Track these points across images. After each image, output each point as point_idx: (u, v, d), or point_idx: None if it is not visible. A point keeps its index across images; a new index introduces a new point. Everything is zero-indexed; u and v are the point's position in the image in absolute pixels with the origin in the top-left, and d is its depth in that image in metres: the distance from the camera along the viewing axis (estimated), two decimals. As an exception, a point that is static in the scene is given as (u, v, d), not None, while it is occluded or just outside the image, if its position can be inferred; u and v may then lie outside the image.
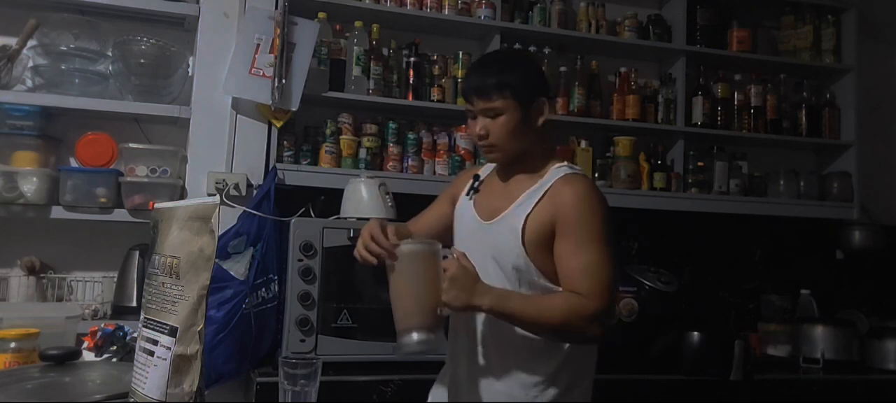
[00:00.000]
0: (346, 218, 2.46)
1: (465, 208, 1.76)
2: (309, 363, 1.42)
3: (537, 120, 1.66)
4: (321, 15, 2.69)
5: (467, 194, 1.77)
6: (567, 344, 1.61)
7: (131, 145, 2.53)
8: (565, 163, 1.69)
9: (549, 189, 1.62)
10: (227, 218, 2.47)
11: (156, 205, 1.30)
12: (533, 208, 1.61)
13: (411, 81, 2.81)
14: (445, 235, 1.81)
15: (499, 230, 1.64)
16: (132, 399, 1.17)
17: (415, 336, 1.50)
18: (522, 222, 1.60)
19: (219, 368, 2.31)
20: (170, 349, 1.12)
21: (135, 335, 1.59)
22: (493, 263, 1.61)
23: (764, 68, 3.27)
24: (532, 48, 2.96)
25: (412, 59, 2.81)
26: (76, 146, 2.52)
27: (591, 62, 3.06)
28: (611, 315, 1.59)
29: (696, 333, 2.63)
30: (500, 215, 1.65)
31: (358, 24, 2.74)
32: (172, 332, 1.13)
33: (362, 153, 2.74)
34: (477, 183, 1.78)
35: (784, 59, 3.30)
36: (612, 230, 1.60)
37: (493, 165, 1.80)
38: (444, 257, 1.55)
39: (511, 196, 1.66)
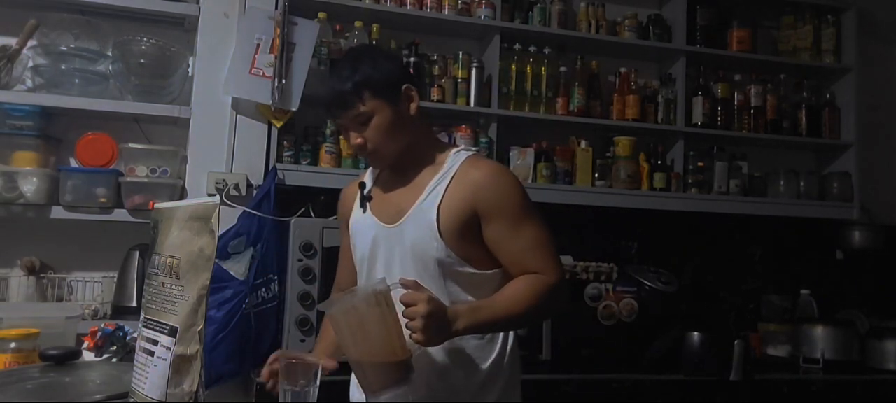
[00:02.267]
0: (346, 218, 2.46)
1: (363, 221, 1.63)
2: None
3: (410, 110, 1.57)
4: (321, 15, 2.69)
5: (361, 207, 1.65)
6: (498, 344, 1.57)
7: (131, 145, 2.53)
8: (461, 146, 1.67)
9: (455, 174, 1.55)
10: (227, 218, 2.47)
11: (156, 205, 1.30)
12: (443, 196, 1.53)
13: (411, 81, 2.80)
14: None
15: (410, 228, 1.54)
16: (132, 399, 1.17)
17: (390, 393, 1.38)
18: (435, 213, 1.52)
19: (219, 368, 2.31)
20: (170, 349, 1.12)
21: (135, 335, 1.59)
22: (413, 264, 1.52)
23: (764, 68, 3.27)
24: (532, 48, 2.96)
25: (412, 59, 2.81)
26: (76, 146, 2.53)
27: (591, 62, 3.06)
28: (566, 278, 1.61)
29: (696, 333, 2.63)
30: (406, 213, 1.56)
31: (358, 24, 2.74)
32: (172, 332, 1.13)
33: (362, 153, 2.74)
34: (366, 192, 1.65)
35: (784, 59, 3.30)
36: (530, 199, 1.58)
37: (377, 170, 1.70)
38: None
39: (413, 192, 1.58)
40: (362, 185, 1.67)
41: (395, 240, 1.56)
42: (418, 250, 1.52)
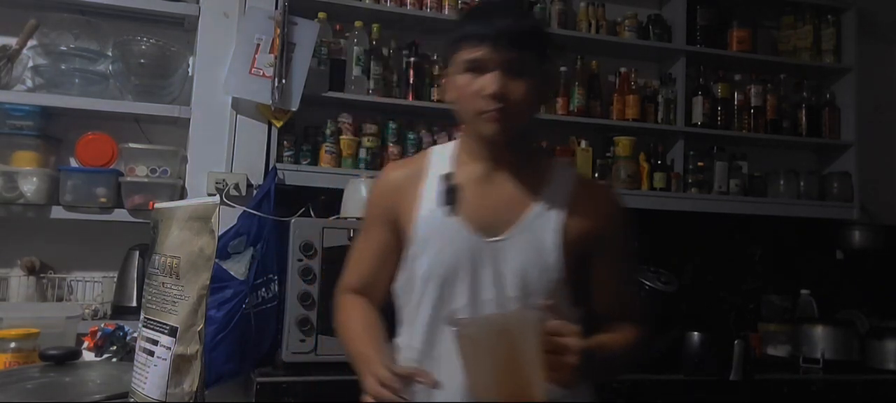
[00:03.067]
0: (346, 218, 2.46)
1: (445, 225, 1.29)
2: None
3: (547, 95, 1.42)
4: (321, 15, 2.69)
5: (447, 203, 1.30)
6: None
7: (131, 145, 2.53)
8: (561, 159, 1.48)
9: (574, 194, 1.32)
10: (227, 218, 2.47)
11: (156, 205, 1.30)
12: (566, 218, 1.29)
13: (411, 81, 2.81)
14: (388, 277, 1.39)
15: (521, 246, 1.27)
16: (132, 399, 1.17)
17: None
18: (560, 234, 1.27)
19: (219, 368, 2.31)
20: (170, 349, 1.12)
21: (135, 335, 1.59)
22: (513, 290, 1.25)
23: (764, 68, 3.27)
24: (532, 48, 2.95)
25: (412, 59, 2.81)
26: (76, 146, 2.52)
27: (591, 62, 3.06)
28: None
29: (696, 333, 2.63)
30: (512, 227, 1.28)
31: (358, 24, 2.74)
32: (172, 332, 1.13)
33: (362, 153, 2.74)
34: (450, 185, 1.31)
35: (784, 59, 3.30)
36: None
37: (449, 156, 1.37)
38: None
39: (518, 200, 1.30)
40: (449, 175, 1.31)
41: (491, 257, 1.27)
42: (528, 274, 1.26)
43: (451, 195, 1.29)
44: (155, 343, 1.15)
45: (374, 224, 1.41)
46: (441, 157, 1.37)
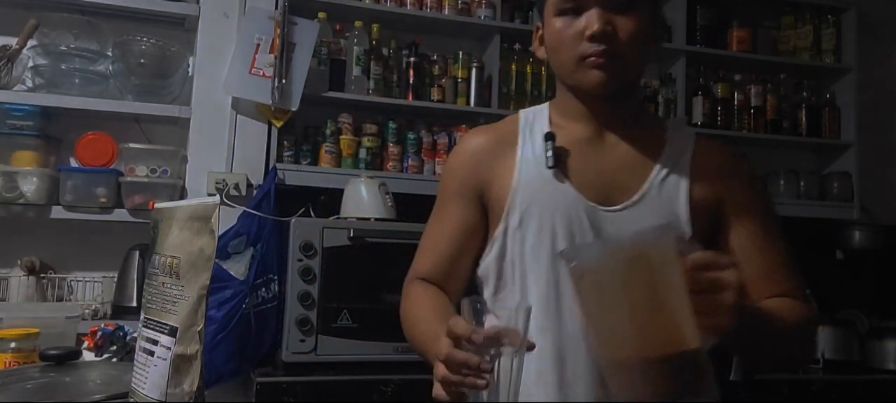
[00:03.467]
0: (346, 218, 2.46)
1: (557, 190, 1.11)
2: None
3: (657, 38, 1.17)
4: (321, 15, 2.69)
5: (552, 166, 1.12)
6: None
7: (131, 145, 2.53)
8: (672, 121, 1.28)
9: (695, 156, 1.15)
10: (227, 218, 2.47)
11: (156, 205, 1.30)
12: (691, 184, 1.12)
13: (411, 81, 2.81)
14: (470, 262, 1.21)
15: (645, 221, 1.07)
16: (132, 399, 1.17)
17: None
18: (686, 207, 1.10)
19: (219, 368, 2.31)
20: (170, 349, 1.12)
21: (135, 335, 1.59)
22: None
23: (764, 68, 3.27)
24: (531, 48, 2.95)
25: (412, 59, 2.81)
26: (76, 146, 2.53)
27: (591, 62, 3.06)
28: None
29: (695, 333, 2.62)
30: (632, 196, 1.11)
31: (358, 24, 2.74)
32: (172, 332, 1.13)
33: (362, 153, 2.74)
34: (553, 145, 1.13)
35: (784, 59, 3.30)
36: None
37: (543, 118, 1.21)
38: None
39: (635, 165, 1.13)
40: (551, 136, 1.14)
41: (607, 229, 1.10)
42: None
43: (557, 156, 1.12)
44: (155, 343, 1.15)
45: (453, 199, 1.22)
46: (534, 119, 1.21)
